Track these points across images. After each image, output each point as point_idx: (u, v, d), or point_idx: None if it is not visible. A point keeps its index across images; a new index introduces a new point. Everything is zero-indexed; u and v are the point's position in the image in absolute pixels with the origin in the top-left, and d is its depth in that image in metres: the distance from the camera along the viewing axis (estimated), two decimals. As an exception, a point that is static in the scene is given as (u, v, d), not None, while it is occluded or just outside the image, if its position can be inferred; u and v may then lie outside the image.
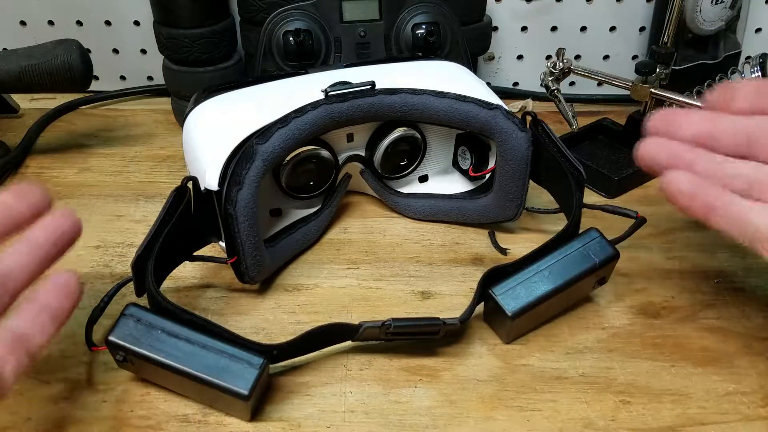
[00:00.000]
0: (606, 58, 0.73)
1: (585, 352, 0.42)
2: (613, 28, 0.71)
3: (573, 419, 0.37)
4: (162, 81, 0.67)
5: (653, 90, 0.57)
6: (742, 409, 0.38)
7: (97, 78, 0.73)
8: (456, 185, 0.55)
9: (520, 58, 0.73)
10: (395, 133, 0.51)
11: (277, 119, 0.44)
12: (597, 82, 0.70)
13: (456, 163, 0.55)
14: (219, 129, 0.46)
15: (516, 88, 0.75)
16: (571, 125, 0.58)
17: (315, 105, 0.45)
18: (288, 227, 0.49)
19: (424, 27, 0.59)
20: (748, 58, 0.55)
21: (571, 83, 0.75)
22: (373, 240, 0.52)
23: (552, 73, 0.59)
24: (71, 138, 0.66)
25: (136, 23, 0.71)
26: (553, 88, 0.59)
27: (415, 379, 0.40)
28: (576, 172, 0.44)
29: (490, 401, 0.38)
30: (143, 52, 0.73)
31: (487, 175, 0.52)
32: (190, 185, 0.41)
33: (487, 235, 0.52)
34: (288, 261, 0.49)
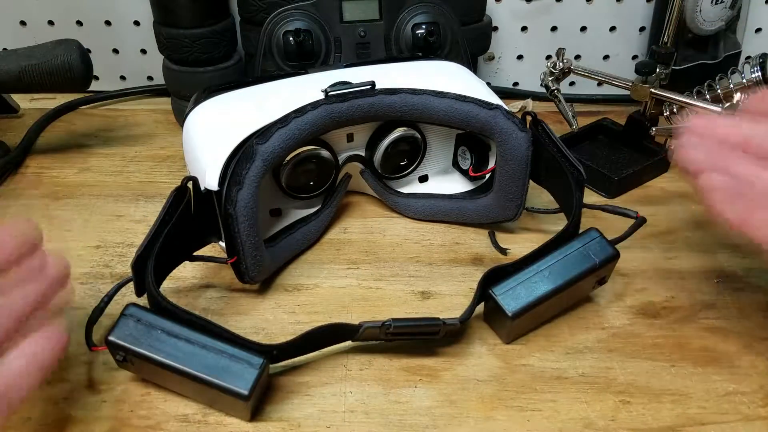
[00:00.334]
0: (606, 58, 0.73)
1: (585, 352, 0.42)
2: (613, 28, 0.71)
3: (573, 419, 0.37)
4: (162, 81, 0.67)
5: (653, 90, 0.57)
6: (742, 409, 0.38)
7: (97, 78, 0.73)
8: (456, 185, 0.55)
9: (520, 58, 0.73)
10: (395, 133, 0.51)
11: (277, 119, 0.44)
12: (597, 82, 0.70)
13: (456, 163, 0.55)
14: (219, 129, 0.46)
15: (516, 88, 0.75)
16: (571, 125, 0.58)
17: (315, 105, 0.45)
18: (288, 227, 0.49)
19: (424, 27, 0.59)
20: (748, 58, 0.55)
21: (571, 83, 0.75)
22: (373, 240, 0.52)
23: (552, 73, 0.59)
24: (71, 138, 0.66)
25: (136, 23, 0.71)
26: (553, 88, 0.59)
27: (415, 379, 0.40)
28: (576, 172, 0.44)
29: (490, 401, 0.38)
30: (143, 52, 0.73)
31: (487, 175, 0.52)
32: (190, 185, 0.41)
33: (487, 235, 0.52)
34: (288, 261, 0.49)
